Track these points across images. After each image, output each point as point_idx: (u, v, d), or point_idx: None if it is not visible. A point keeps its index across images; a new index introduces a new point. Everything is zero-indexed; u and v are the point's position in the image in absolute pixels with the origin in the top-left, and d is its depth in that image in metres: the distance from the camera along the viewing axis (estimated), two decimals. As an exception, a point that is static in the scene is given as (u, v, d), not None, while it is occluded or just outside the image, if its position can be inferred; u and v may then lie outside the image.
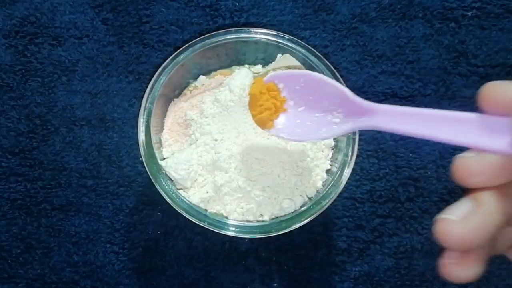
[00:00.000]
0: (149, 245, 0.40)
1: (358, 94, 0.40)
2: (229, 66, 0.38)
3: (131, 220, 0.40)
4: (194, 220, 0.32)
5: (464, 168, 0.22)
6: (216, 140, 0.34)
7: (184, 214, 0.32)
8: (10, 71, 0.41)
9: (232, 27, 0.39)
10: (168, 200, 0.33)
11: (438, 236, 0.22)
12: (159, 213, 0.40)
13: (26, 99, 0.41)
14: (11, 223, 0.40)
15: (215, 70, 0.38)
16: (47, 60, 0.41)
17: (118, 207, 0.40)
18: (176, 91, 0.37)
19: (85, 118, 0.41)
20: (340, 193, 0.33)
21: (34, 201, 0.40)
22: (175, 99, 0.37)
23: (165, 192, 0.33)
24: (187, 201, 0.33)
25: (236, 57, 0.37)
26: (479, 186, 0.22)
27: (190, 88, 0.37)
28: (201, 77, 0.37)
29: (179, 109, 0.37)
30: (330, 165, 0.35)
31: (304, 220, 0.32)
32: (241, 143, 0.34)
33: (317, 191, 0.34)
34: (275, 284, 0.39)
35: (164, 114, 0.37)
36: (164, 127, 0.36)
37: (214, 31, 0.35)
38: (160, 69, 0.34)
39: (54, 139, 0.41)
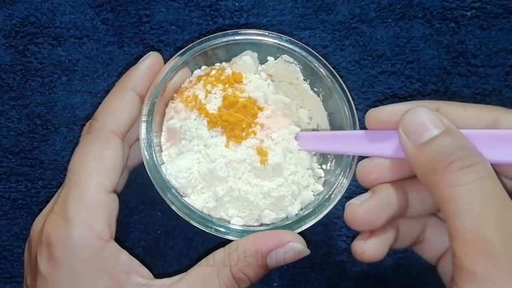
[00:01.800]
0: (149, 245, 0.40)
1: (357, 94, 0.41)
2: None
3: (131, 220, 0.40)
4: (200, 227, 0.32)
5: (362, 170, 0.30)
6: (206, 145, 0.34)
7: (191, 222, 0.32)
8: (10, 71, 0.41)
9: (232, 27, 0.40)
10: (174, 208, 0.32)
11: (346, 219, 0.29)
12: (159, 213, 0.40)
13: (26, 99, 0.41)
14: (12, 223, 0.40)
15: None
16: (47, 60, 0.41)
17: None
18: (175, 94, 0.37)
19: (85, 118, 0.41)
20: (342, 195, 0.33)
21: (35, 201, 0.40)
22: (170, 102, 0.36)
23: (171, 202, 0.32)
24: (194, 209, 0.33)
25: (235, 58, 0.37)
26: (375, 183, 0.29)
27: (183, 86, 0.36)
28: (196, 71, 0.36)
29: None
30: (331, 167, 0.35)
31: (307, 224, 0.32)
32: (235, 148, 0.33)
33: (319, 195, 0.34)
34: (275, 284, 0.39)
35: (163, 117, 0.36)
36: (163, 131, 0.36)
37: (214, 31, 0.35)
38: (160, 72, 0.34)
39: (55, 139, 0.41)
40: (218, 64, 0.36)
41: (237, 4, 0.41)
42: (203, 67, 0.36)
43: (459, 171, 0.24)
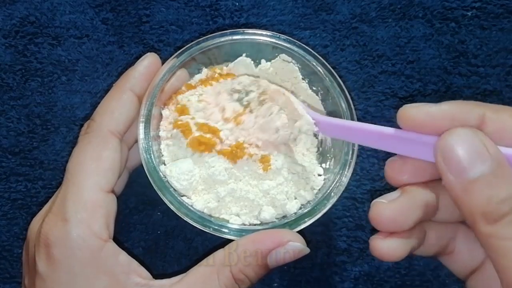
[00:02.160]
0: (149, 245, 0.40)
1: (358, 94, 0.41)
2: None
3: (131, 220, 0.40)
4: (199, 227, 0.32)
5: (392, 170, 0.28)
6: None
7: (190, 221, 0.32)
8: (10, 71, 0.41)
9: (232, 27, 0.40)
10: (172, 208, 0.32)
11: (371, 217, 0.27)
12: (159, 213, 0.40)
13: (26, 99, 0.41)
14: (12, 223, 0.40)
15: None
16: (47, 60, 0.41)
17: (118, 207, 0.40)
18: (174, 95, 0.37)
19: (85, 118, 0.41)
20: (341, 193, 0.33)
21: (35, 201, 0.40)
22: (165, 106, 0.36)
23: (170, 202, 0.32)
24: (192, 209, 0.33)
25: (233, 58, 0.37)
26: (405, 183, 0.27)
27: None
28: (197, 76, 0.37)
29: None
30: (330, 166, 0.35)
31: (307, 222, 0.32)
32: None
33: (318, 193, 0.34)
34: (275, 284, 0.39)
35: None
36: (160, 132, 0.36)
37: (214, 31, 0.35)
38: (157, 74, 0.34)
39: (54, 139, 0.41)
40: (219, 68, 0.36)
41: (237, 4, 0.41)
42: (204, 69, 0.36)
43: None
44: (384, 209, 0.27)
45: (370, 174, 0.40)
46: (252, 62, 0.37)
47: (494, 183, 0.23)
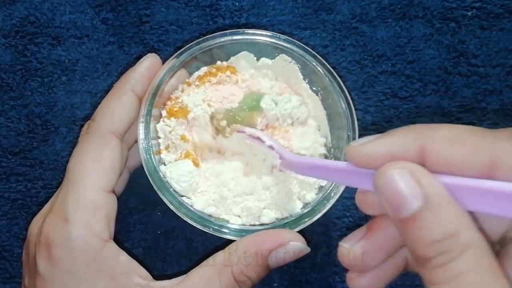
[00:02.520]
0: (149, 245, 0.40)
1: (358, 94, 0.41)
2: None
3: (131, 220, 0.40)
4: (199, 227, 0.32)
5: (360, 203, 0.26)
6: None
7: (190, 221, 0.32)
8: (10, 71, 0.41)
9: (232, 27, 0.39)
10: (172, 208, 0.32)
11: (339, 259, 0.26)
12: (159, 213, 0.40)
13: (26, 99, 0.41)
14: (12, 223, 0.40)
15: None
16: (47, 60, 0.41)
17: (118, 207, 0.40)
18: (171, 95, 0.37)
19: (85, 118, 0.41)
20: (341, 193, 0.33)
21: (35, 201, 0.40)
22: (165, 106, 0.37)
23: (170, 202, 0.32)
24: (192, 209, 0.33)
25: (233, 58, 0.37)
26: (377, 214, 0.26)
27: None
28: (196, 73, 0.36)
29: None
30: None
31: (307, 222, 0.32)
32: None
33: (318, 193, 0.34)
34: (275, 284, 0.39)
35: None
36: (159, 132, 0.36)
37: (214, 31, 0.35)
38: (157, 74, 0.34)
39: (54, 139, 0.41)
40: (219, 62, 0.36)
41: (237, 4, 0.41)
42: (203, 68, 0.36)
43: (439, 268, 0.21)
44: (346, 254, 0.26)
45: (370, 174, 0.40)
46: (255, 57, 0.36)
47: (424, 223, 0.21)
